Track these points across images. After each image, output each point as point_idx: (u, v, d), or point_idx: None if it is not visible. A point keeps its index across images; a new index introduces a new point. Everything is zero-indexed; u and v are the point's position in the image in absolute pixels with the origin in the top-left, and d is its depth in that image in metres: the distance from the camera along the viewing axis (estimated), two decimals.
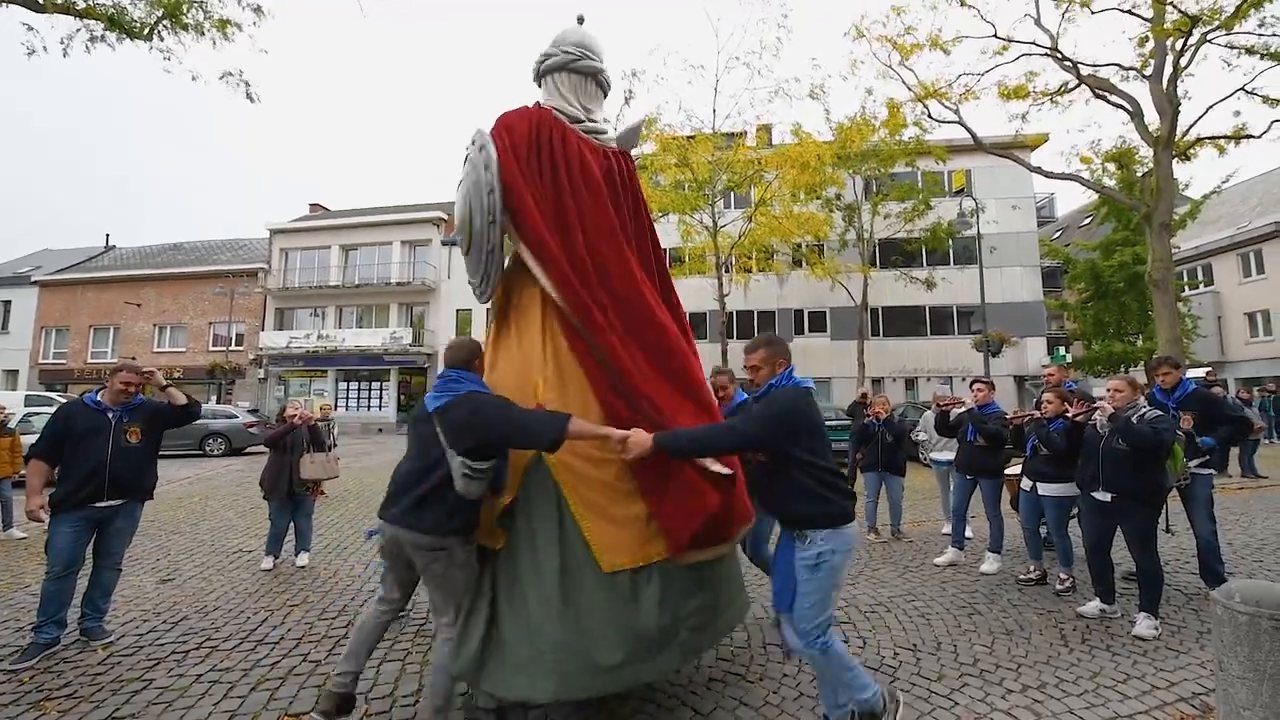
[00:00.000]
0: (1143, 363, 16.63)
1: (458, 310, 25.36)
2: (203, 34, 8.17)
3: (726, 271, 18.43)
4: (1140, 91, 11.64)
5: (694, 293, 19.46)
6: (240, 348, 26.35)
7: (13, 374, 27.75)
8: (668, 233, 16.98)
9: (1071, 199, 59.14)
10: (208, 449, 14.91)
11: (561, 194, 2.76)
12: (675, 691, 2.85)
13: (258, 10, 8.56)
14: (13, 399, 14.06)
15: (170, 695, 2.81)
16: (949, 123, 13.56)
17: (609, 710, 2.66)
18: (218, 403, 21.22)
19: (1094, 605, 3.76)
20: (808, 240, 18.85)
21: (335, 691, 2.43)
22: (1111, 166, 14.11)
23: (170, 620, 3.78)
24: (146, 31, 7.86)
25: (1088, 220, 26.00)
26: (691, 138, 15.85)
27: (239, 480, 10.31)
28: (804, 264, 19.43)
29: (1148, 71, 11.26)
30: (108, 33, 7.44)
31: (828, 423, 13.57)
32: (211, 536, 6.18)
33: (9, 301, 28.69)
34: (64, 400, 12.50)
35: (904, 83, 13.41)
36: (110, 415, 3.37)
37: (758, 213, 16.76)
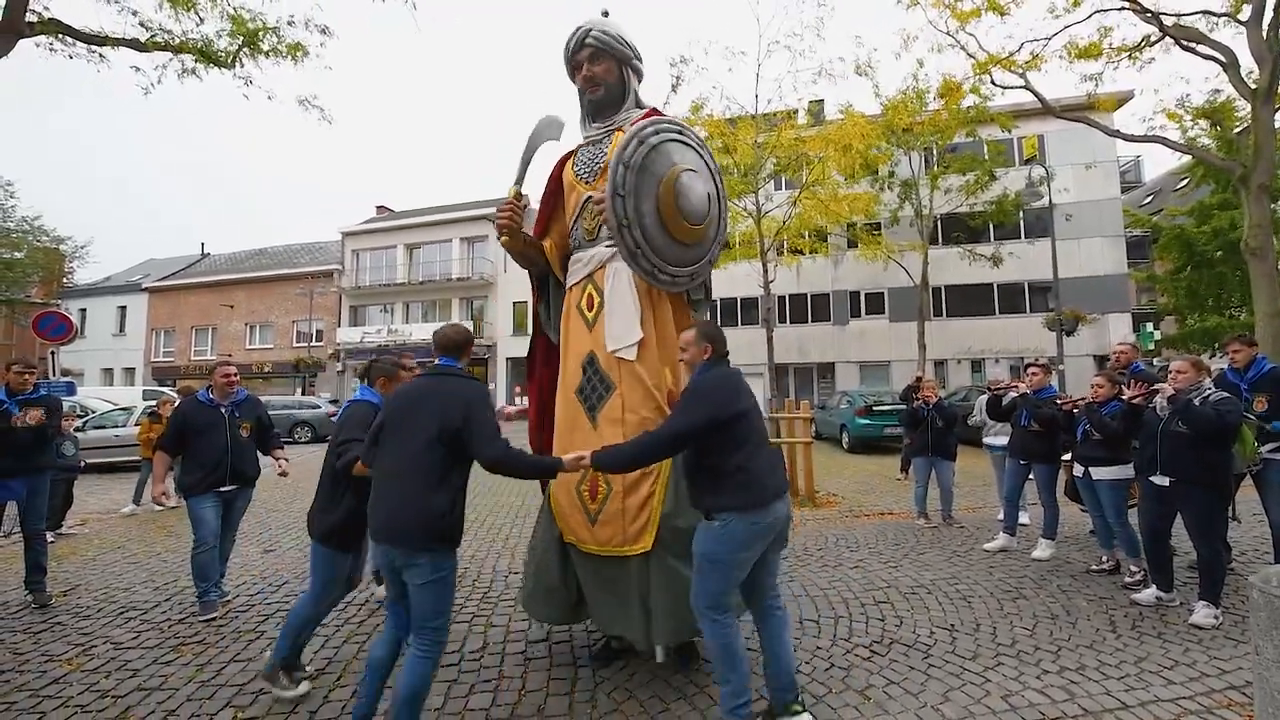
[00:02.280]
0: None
1: (514, 303, 26.26)
2: (282, 56, 8.88)
3: (779, 254, 18.09)
4: (1234, 40, 10.53)
5: (743, 278, 19.29)
6: (320, 343, 28.45)
7: (130, 371, 31.19)
8: None
9: (1162, 160, 53.48)
10: (296, 436, 16.43)
11: None
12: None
13: (324, 31, 9.21)
14: (132, 394, 15.96)
15: None
16: (1014, 88, 12.73)
17: (642, 661, 2.91)
18: (303, 395, 23.10)
19: (1150, 593, 3.65)
20: (860, 220, 18.18)
21: None
22: (1204, 124, 12.80)
23: (274, 584, 4.36)
24: (230, 60, 8.66)
25: (1184, 182, 23.62)
26: (732, 120, 15.57)
27: None
28: (856, 244, 18.76)
29: (1243, 16, 10.09)
30: (198, 65, 8.27)
31: (883, 407, 13.08)
32: (304, 514, 6.90)
33: (124, 307, 32.19)
34: (175, 395, 14.05)
35: (964, 50, 12.68)
36: (223, 410, 3.87)
37: (802, 196, 16.33)
